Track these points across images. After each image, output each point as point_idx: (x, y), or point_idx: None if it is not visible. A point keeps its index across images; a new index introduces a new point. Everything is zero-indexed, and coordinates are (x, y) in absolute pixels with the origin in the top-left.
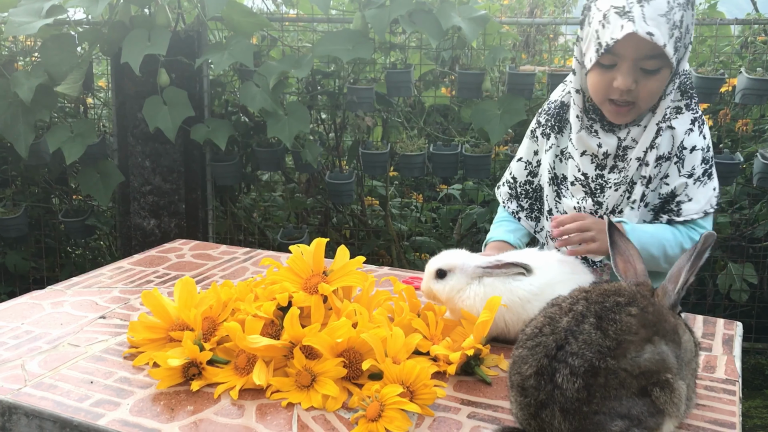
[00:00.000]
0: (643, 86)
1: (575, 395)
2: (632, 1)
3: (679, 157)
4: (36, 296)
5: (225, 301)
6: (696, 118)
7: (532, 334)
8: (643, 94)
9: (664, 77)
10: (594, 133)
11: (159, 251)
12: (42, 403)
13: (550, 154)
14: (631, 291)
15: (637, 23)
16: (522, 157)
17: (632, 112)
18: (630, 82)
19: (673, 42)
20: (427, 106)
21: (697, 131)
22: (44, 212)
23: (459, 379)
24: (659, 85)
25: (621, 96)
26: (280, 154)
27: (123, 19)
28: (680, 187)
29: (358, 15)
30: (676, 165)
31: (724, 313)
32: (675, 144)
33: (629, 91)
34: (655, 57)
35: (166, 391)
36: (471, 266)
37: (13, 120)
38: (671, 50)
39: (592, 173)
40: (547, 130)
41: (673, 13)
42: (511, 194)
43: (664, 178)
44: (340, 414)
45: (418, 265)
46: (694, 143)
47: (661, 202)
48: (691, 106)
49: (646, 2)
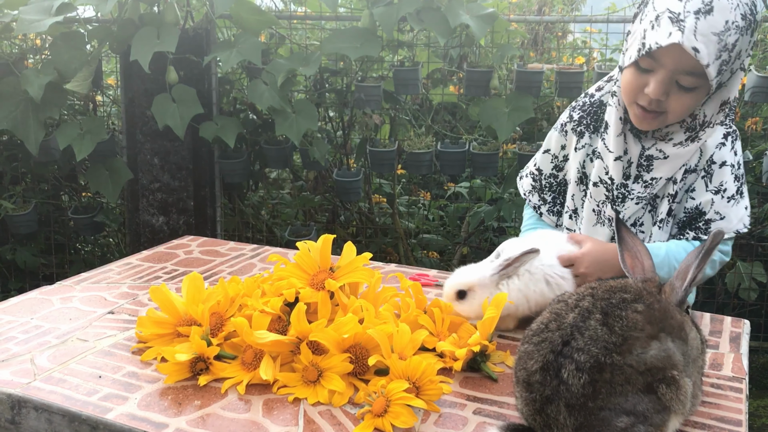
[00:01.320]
0: (674, 99)
1: (581, 391)
2: (689, 10)
3: (707, 171)
4: (45, 291)
5: (232, 297)
6: (729, 132)
7: (537, 329)
8: (673, 106)
9: (698, 96)
10: (626, 138)
11: (167, 247)
12: (51, 396)
13: (581, 153)
14: (638, 288)
15: (685, 35)
16: (550, 149)
17: (658, 120)
18: (661, 92)
19: (718, 64)
20: (435, 103)
21: (729, 146)
22: (54, 209)
23: (465, 376)
24: (692, 102)
25: (650, 104)
26: (288, 152)
27: (132, 17)
28: (707, 203)
29: (366, 13)
30: (703, 179)
31: (733, 312)
32: (704, 157)
33: (658, 101)
34: (695, 74)
35: (173, 385)
36: (488, 277)
37: (24, 117)
38: (713, 71)
39: (618, 180)
40: (581, 128)
41: (728, 35)
42: (534, 186)
43: (690, 191)
44: (347, 409)
45: (426, 263)
46: (725, 158)
47: (687, 218)
48: (724, 122)
49: (703, 16)
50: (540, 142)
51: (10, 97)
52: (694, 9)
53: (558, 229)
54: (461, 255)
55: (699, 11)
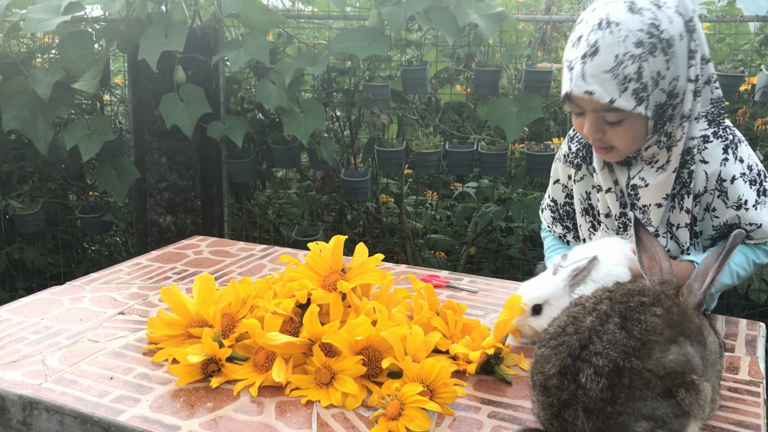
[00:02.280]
0: (611, 134)
1: (599, 395)
2: (577, 56)
3: (720, 190)
4: (55, 292)
5: (244, 298)
6: (728, 145)
7: (555, 333)
8: (614, 140)
9: (635, 125)
10: (611, 169)
11: (177, 247)
12: (63, 398)
13: (581, 184)
14: (656, 291)
15: (573, 82)
16: (558, 179)
17: (615, 153)
18: (593, 131)
19: (629, 95)
20: (443, 103)
21: (732, 158)
22: (61, 208)
23: (479, 378)
24: (631, 133)
25: (593, 143)
26: (295, 152)
27: (140, 16)
28: (732, 218)
29: (374, 12)
30: (720, 198)
31: (742, 313)
32: (710, 178)
33: (600, 139)
34: (612, 111)
35: (185, 387)
36: (561, 288)
37: (32, 117)
38: (627, 103)
39: (616, 211)
40: (577, 161)
41: (623, 67)
42: (554, 217)
43: (710, 211)
44: (360, 412)
45: (433, 263)
46: (732, 173)
47: (719, 234)
48: (719, 133)
49: (590, 58)
50: (548, 141)
51: (19, 96)
52: (581, 54)
53: None
54: (468, 255)
55: (585, 55)
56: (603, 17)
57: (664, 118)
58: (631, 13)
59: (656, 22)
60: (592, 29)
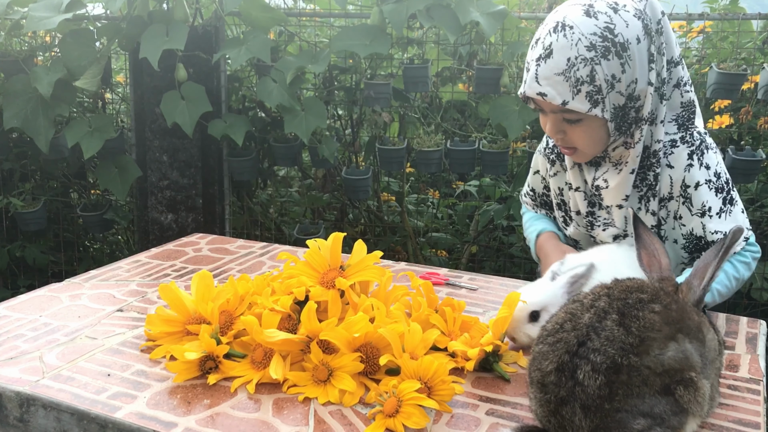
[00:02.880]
0: (571, 133)
1: (597, 392)
2: (533, 58)
3: (684, 196)
4: (54, 289)
5: (242, 295)
6: (693, 150)
7: (552, 330)
8: (574, 140)
9: (593, 126)
10: (581, 168)
11: (176, 245)
12: (60, 395)
13: (556, 179)
14: (654, 288)
15: (528, 83)
16: (538, 170)
17: (580, 154)
18: (554, 131)
19: (582, 97)
20: (445, 101)
21: (697, 164)
22: (63, 206)
23: (477, 376)
24: (590, 134)
25: (557, 142)
26: (297, 150)
27: (141, 14)
28: (698, 227)
29: (375, 10)
30: (685, 205)
31: (744, 312)
32: (675, 184)
33: (562, 139)
34: (568, 111)
35: (182, 384)
36: (559, 295)
37: (33, 115)
38: (581, 105)
39: (584, 210)
40: (552, 157)
41: (575, 70)
42: (536, 203)
43: (677, 218)
44: (357, 409)
45: (435, 262)
46: (696, 179)
47: (689, 244)
48: (686, 138)
49: (543, 61)
50: None
51: (20, 94)
52: (536, 56)
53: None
54: (470, 254)
55: (540, 57)
56: (559, 20)
57: (627, 120)
58: (586, 17)
59: (611, 26)
60: (548, 32)
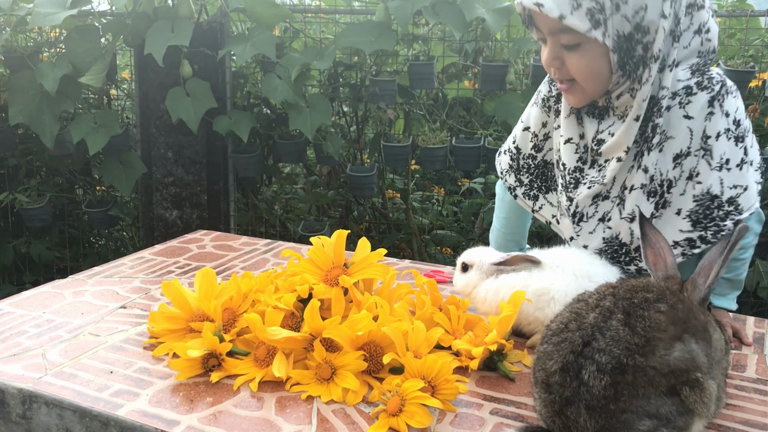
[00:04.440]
0: (568, 62)
1: (602, 393)
2: None
3: (705, 149)
4: (57, 285)
5: (245, 293)
6: (714, 96)
7: (557, 329)
8: (572, 71)
9: (592, 54)
10: (580, 120)
11: (180, 242)
12: (62, 392)
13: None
14: (660, 287)
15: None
16: (529, 126)
17: (577, 91)
18: (551, 58)
19: (582, 13)
20: (450, 98)
21: (719, 112)
22: (68, 203)
23: (481, 375)
24: (588, 62)
25: (554, 75)
26: (301, 147)
27: (146, 11)
28: (716, 183)
29: (381, 6)
30: (704, 159)
31: (751, 311)
32: (694, 136)
33: (560, 69)
34: (566, 31)
35: (185, 382)
36: (486, 263)
37: (39, 111)
38: (580, 23)
39: (571, 165)
40: (558, 105)
41: None
42: (511, 165)
43: (693, 177)
44: (361, 408)
45: (439, 259)
46: (718, 128)
47: (700, 208)
48: (703, 84)
49: None
50: None
51: (26, 90)
52: None
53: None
54: None
55: None
56: None
57: (633, 56)
58: None
59: None
60: None
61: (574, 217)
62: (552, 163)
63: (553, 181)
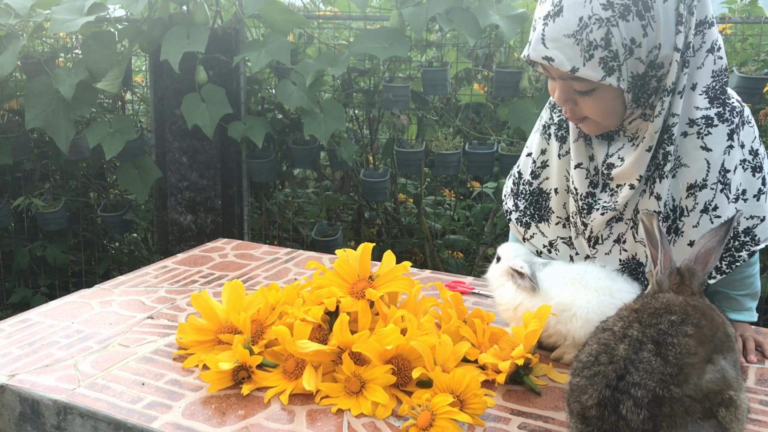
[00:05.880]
0: (582, 104)
1: (641, 426)
2: (540, 16)
3: (723, 182)
4: (84, 295)
5: (272, 305)
6: (733, 129)
7: (587, 362)
8: (586, 111)
9: (608, 97)
10: (588, 142)
11: (202, 250)
12: (96, 404)
13: (565, 160)
14: (681, 304)
15: (532, 46)
16: (531, 152)
17: (591, 125)
18: (562, 99)
19: (595, 63)
20: (462, 104)
21: (738, 146)
22: (83, 207)
23: (508, 389)
24: (603, 106)
25: (565, 112)
26: (315, 152)
27: (162, 17)
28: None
29: (395, 13)
30: (723, 193)
31: (764, 318)
32: (712, 169)
33: (572, 109)
34: (579, 79)
35: (216, 394)
36: (506, 265)
37: (55, 116)
38: (593, 73)
39: (583, 190)
40: (561, 132)
41: (588, 32)
42: (513, 190)
43: (710, 211)
44: (390, 422)
45: (452, 264)
46: (735, 162)
47: None
48: (724, 116)
49: (552, 19)
50: None
51: (42, 95)
52: (543, 14)
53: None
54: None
55: (548, 15)
56: None
57: (647, 90)
58: None
59: None
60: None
61: (590, 241)
62: (547, 192)
63: (546, 210)
